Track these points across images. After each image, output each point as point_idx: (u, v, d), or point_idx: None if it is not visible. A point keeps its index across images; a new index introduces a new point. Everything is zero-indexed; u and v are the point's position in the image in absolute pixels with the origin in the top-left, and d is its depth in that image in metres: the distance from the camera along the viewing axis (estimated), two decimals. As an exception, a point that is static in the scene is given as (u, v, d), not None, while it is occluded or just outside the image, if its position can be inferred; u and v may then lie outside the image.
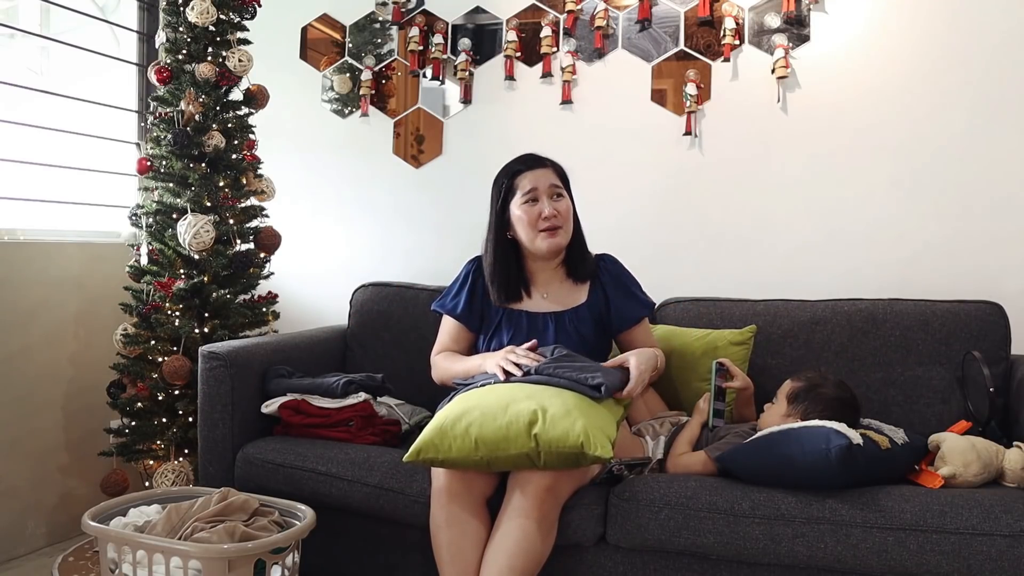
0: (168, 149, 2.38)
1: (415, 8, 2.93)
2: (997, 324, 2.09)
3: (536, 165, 1.98)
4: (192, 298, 2.33)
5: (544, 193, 1.94)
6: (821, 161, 2.50)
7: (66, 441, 2.56)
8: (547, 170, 1.98)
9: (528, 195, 1.95)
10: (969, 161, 2.37)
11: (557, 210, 1.94)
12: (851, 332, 2.16)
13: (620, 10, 2.69)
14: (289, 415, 2.12)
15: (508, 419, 1.63)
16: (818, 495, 1.64)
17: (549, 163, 2.01)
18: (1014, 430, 1.93)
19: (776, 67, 2.49)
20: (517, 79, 2.81)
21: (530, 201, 1.95)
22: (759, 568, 1.68)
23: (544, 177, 1.96)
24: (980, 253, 2.37)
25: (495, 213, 2.02)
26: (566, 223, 1.97)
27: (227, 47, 2.47)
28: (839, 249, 2.49)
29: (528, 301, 2.04)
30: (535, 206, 1.94)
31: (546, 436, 1.59)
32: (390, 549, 1.98)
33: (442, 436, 1.65)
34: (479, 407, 1.67)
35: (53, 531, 2.52)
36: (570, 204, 2.00)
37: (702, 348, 2.18)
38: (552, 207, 1.94)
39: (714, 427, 1.94)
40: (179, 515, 1.75)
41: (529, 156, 2.02)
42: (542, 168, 1.98)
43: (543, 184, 1.95)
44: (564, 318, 2.00)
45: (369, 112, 2.96)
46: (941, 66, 2.40)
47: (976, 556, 1.53)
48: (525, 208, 1.95)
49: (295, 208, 3.01)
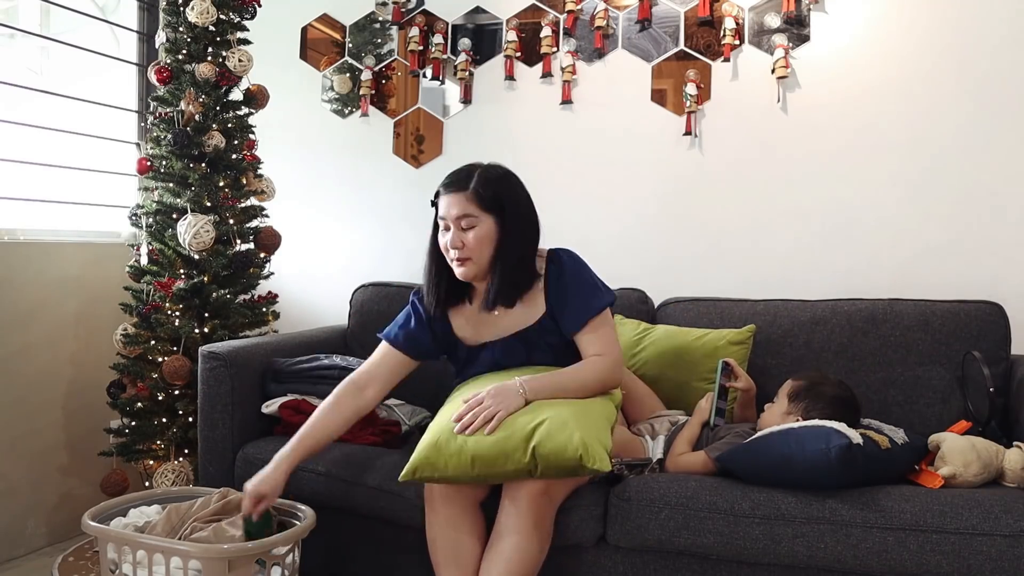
0: (168, 149, 2.38)
1: (415, 8, 2.93)
2: (997, 324, 2.09)
3: (449, 190, 1.81)
4: (192, 298, 2.33)
5: (451, 222, 1.79)
6: (821, 161, 2.50)
7: (66, 441, 2.56)
8: (459, 195, 1.79)
9: (441, 222, 1.83)
10: (969, 161, 2.37)
11: (463, 241, 1.78)
12: (851, 332, 2.16)
13: (620, 10, 2.69)
14: (289, 415, 2.12)
15: (504, 434, 1.61)
16: (818, 495, 1.64)
17: (466, 186, 1.80)
18: (1014, 430, 1.93)
19: (776, 67, 2.49)
20: (517, 79, 2.81)
21: (444, 229, 1.83)
22: (759, 568, 1.68)
23: (453, 205, 1.79)
24: (980, 253, 2.37)
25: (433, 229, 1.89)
26: (475, 253, 1.78)
27: (227, 47, 2.47)
28: (839, 249, 2.49)
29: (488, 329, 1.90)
30: (445, 234, 1.82)
31: (543, 450, 1.57)
32: (389, 549, 1.98)
33: (437, 454, 1.62)
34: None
35: (53, 531, 2.52)
36: (488, 231, 1.79)
37: (701, 348, 2.18)
38: (458, 238, 1.78)
39: (715, 426, 1.94)
40: (179, 515, 1.75)
41: (450, 177, 1.84)
42: (454, 194, 1.80)
43: (450, 213, 1.79)
44: (530, 334, 1.87)
45: (369, 112, 2.96)
46: (941, 66, 2.40)
47: (976, 556, 1.53)
48: (440, 234, 1.84)
49: (295, 208, 3.01)
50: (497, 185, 1.81)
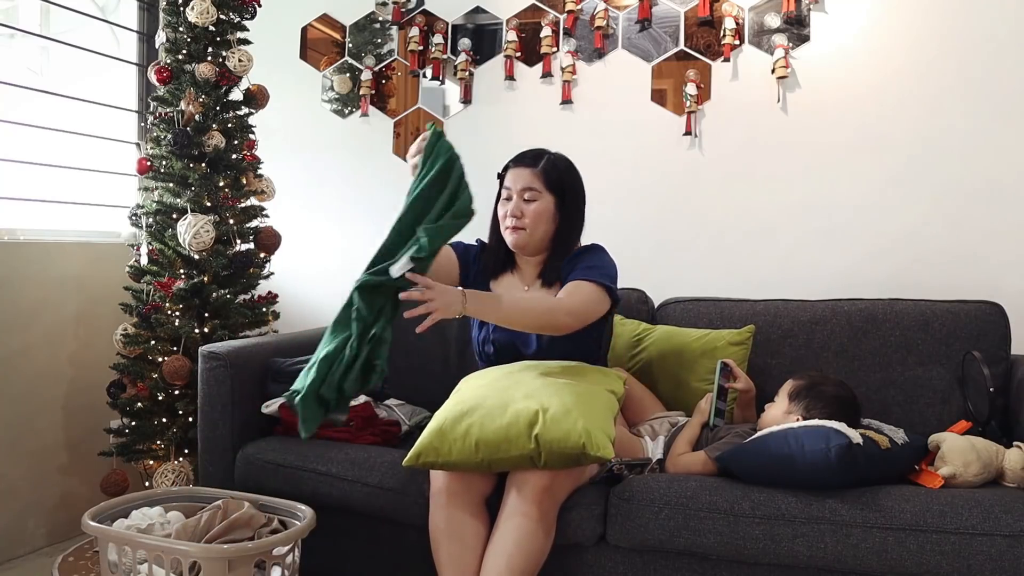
0: (168, 149, 2.38)
1: (415, 8, 2.93)
2: (997, 324, 2.09)
3: (520, 164, 1.99)
4: (192, 298, 2.33)
5: (516, 192, 1.96)
6: (821, 161, 2.50)
7: (66, 441, 2.56)
8: (528, 170, 1.97)
9: (505, 192, 2.00)
10: (969, 161, 2.37)
11: (522, 211, 1.95)
12: (851, 332, 2.16)
13: (620, 10, 2.69)
14: (289, 415, 2.12)
15: (508, 420, 1.63)
16: (818, 495, 1.64)
17: (536, 164, 1.98)
18: (1014, 430, 1.93)
19: (776, 67, 2.49)
20: (517, 79, 2.81)
21: (505, 199, 1.99)
22: (759, 568, 1.68)
23: (520, 178, 1.97)
24: (980, 253, 2.37)
25: (495, 201, 2.06)
26: (531, 225, 1.95)
27: (227, 47, 2.47)
28: (839, 249, 2.49)
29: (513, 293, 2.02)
30: (506, 204, 1.99)
31: (547, 437, 1.59)
32: (390, 549, 1.98)
33: (442, 439, 1.66)
34: (478, 408, 1.68)
35: (53, 531, 2.52)
36: (546, 208, 1.96)
37: (701, 348, 2.18)
38: (518, 207, 1.95)
39: (715, 426, 1.94)
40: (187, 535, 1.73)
41: (523, 153, 2.02)
42: (524, 168, 1.98)
43: (517, 184, 1.97)
44: None
45: (369, 112, 2.96)
46: (941, 66, 2.40)
47: (976, 556, 1.53)
48: (501, 204, 2.01)
49: (295, 208, 3.01)
50: (563, 171, 2.00)
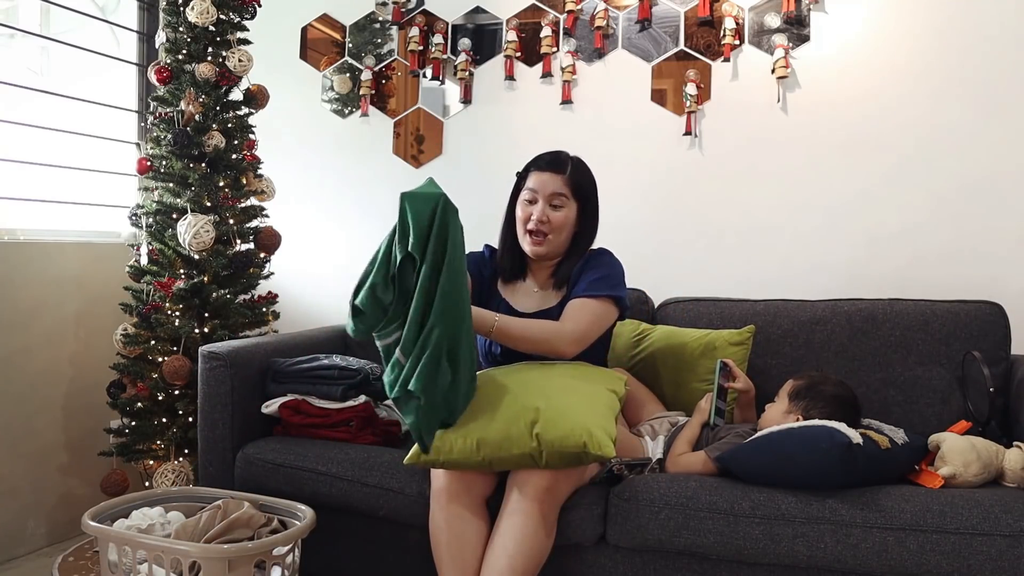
0: (168, 149, 2.38)
1: (415, 8, 2.93)
2: (997, 324, 2.09)
3: (549, 168, 1.96)
4: (192, 298, 2.33)
5: (543, 198, 1.94)
6: (821, 161, 2.50)
7: (66, 441, 2.56)
8: (556, 177, 1.94)
9: (529, 194, 1.97)
10: (969, 161, 2.37)
11: (549, 217, 1.93)
12: (851, 332, 2.16)
13: (620, 10, 2.69)
14: (289, 415, 2.12)
15: (509, 419, 1.63)
16: (818, 495, 1.64)
17: (564, 169, 1.96)
18: (1014, 430, 1.93)
19: (776, 67, 2.49)
20: (517, 79, 2.81)
21: (529, 201, 1.96)
22: (759, 568, 1.68)
23: (550, 182, 1.94)
24: (980, 253, 2.37)
25: (510, 199, 2.04)
26: (555, 233, 1.94)
27: (227, 47, 2.47)
28: (839, 249, 2.49)
29: (523, 298, 2.04)
30: (529, 207, 1.96)
31: (548, 436, 1.59)
32: (390, 549, 1.98)
33: (442, 438, 1.65)
34: (479, 407, 1.67)
35: (53, 531, 2.52)
36: (570, 215, 1.96)
37: (701, 348, 2.18)
38: (545, 213, 1.93)
39: (715, 426, 1.94)
40: (187, 535, 1.74)
41: (552, 157, 1.98)
42: (553, 173, 1.95)
43: (545, 189, 1.94)
44: (551, 315, 1.98)
45: (369, 112, 2.96)
46: (941, 66, 2.40)
47: (976, 556, 1.53)
48: (522, 206, 1.98)
49: (295, 208, 3.01)
50: (586, 178, 2.00)
